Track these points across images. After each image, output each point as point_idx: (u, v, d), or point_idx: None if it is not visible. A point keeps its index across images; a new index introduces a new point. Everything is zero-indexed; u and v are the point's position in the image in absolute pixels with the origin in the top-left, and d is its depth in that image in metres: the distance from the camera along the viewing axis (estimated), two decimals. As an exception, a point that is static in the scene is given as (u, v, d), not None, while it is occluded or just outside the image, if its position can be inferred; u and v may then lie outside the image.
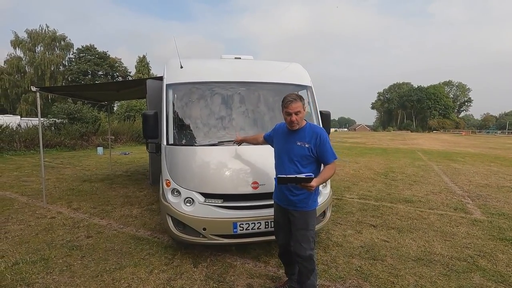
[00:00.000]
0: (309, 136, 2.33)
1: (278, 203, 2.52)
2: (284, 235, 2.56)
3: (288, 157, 2.37)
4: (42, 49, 38.49)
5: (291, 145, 2.37)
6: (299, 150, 2.33)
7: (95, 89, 7.95)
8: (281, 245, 2.62)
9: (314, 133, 2.34)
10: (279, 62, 4.41)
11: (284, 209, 2.46)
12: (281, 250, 2.65)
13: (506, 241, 3.84)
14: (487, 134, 67.22)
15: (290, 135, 2.41)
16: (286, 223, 2.49)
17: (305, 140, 2.33)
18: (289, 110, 2.30)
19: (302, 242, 2.33)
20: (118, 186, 6.95)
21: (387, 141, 29.52)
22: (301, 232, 2.35)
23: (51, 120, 17.15)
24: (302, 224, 2.36)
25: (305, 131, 2.37)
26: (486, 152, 17.47)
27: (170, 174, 3.23)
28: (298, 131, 2.38)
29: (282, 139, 2.48)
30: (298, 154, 2.33)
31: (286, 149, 2.40)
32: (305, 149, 2.31)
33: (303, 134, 2.36)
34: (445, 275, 2.98)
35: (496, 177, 8.60)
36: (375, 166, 10.60)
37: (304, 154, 2.32)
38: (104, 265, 3.13)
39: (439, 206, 5.46)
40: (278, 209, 2.55)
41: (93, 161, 11.55)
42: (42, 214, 4.83)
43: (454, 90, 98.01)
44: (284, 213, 2.48)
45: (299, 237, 2.35)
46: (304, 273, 2.34)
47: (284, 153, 2.41)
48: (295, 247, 2.37)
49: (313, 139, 2.32)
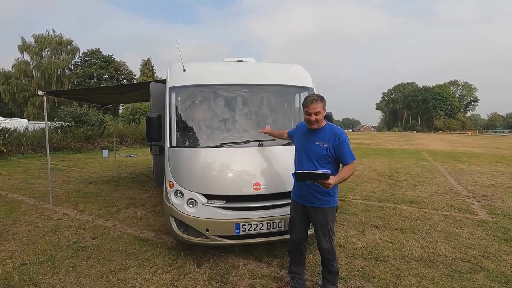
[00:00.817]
0: (328, 136, 2.41)
1: (297, 200, 2.59)
2: (297, 231, 2.63)
3: (307, 156, 2.46)
4: (48, 54, 39.16)
5: (310, 145, 2.45)
6: (317, 149, 2.41)
7: (100, 93, 8.07)
8: (294, 240, 2.68)
9: (333, 134, 2.41)
10: (281, 64, 4.45)
11: (302, 206, 2.54)
12: (292, 246, 2.70)
13: (511, 242, 3.80)
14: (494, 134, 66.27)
15: (310, 135, 2.49)
16: (303, 220, 2.60)
17: (324, 140, 2.40)
18: (309, 110, 2.39)
19: (323, 236, 2.50)
20: (123, 188, 7.03)
21: (392, 141, 29.32)
22: (322, 228, 2.49)
23: (58, 123, 17.40)
24: (323, 220, 2.48)
25: (325, 131, 2.44)
26: (493, 152, 17.24)
27: (173, 176, 3.28)
28: (318, 131, 2.46)
29: (302, 138, 2.57)
30: (317, 154, 2.41)
31: (305, 148, 2.49)
32: (324, 149, 2.39)
33: (322, 134, 2.44)
34: (448, 276, 2.97)
35: (502, 178, 8.50)
36: (379, 167, 10.55)
37: (322, 153, 2.40)
38: (109, 265, 3.18)
39: (443, 207, 5.42)
40: (296, 206, 2.62)
41: (99, 163, 11.69)
42: (49, 216, 4.92)
43: (460, 90, 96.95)
44: (301, 210, 2.57)
45: (320, 232, 2.50)
46: (327, 262, 2.57)
47: (303, 152, 2.50)
48: (318, 241, 2.55)
49: (332, 139, 2.39)
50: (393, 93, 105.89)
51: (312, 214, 2.53)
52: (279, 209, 3.09)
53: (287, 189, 3.12)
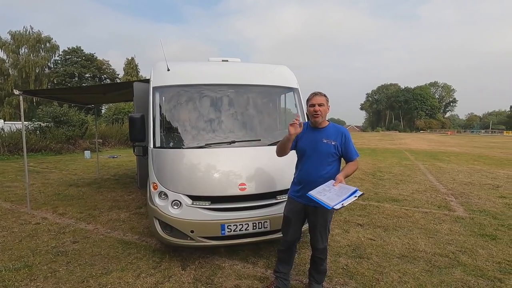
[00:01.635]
0: (335, 134, 2.44)
1: (298, 200, 2.54)
2: (294, 232, 2.60)
3: (314, 155, 2.43)
4: (26, 51, 37.56)
5: (317, 143, 2.43)
6: (325, 147, 2.41)
7: (81, 92, 7.82)
8: (288, 242, 2.64)
9: (339, 132, 2.46)
10: (266, 64, 4.46)
11: (303, 206, 2.51)
12: (284, 246, 2.66)
13: (486, 237, 3.98)
14: (471, 133, 69.24)
15: (315, 133, 2.47)
16: (300, 221, 2.58)
17: (331, 138, 2.42)
18: (313, 102, 2.41)
19: (321, 237, 2.53)
20: (105, 190, 6.85)
21: (375, 141, 30.02)
22: (321, 228, 2.51)
23: (36, 124, 16.70)
24: (323, 221, 2.50)
25: (329, 129, 2.47)
26: (470, 151, 17.99)
27: (157, 177, 3.22)
28: (323, 129, 2.47)
29: (307, 137, 2.50)
30: (325, 152, 2.41)
31: (312, 147, 2.44)
32: (332, 146, 2.40)
33: (328, 132, 2.45)
34: (428, 271, 3.07)
35: (478, 175, 8.88)
36: (363, 166, 10.78)
37: (330, 151, 2.41)
38: (90, 270, 3.09)
39: (424, 204, 5.61)
40: (295, 206, 2.56)
41: (80, 165, 11.33)
42: (26, 220, 4.72)
43: (440, 91, 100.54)
44: (301, 210, 2.53)
45: (319, 232, 2.52)
46: (318, 262, 2.61)
47: (310, 151, 2.45)
48: (314, 241, 2.56)
49: (338, 137, 2.43)
50: (376, 94, 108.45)
51: (312, 215, 2.51)
52: (265, 209, 3.10)
53: (272, 189, 3.14)
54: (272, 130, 4.02)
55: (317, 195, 2.24)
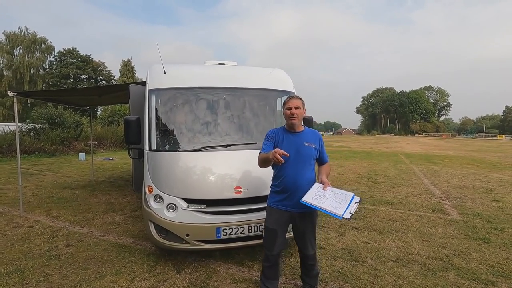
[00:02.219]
0: (314, 138, 2.51)
1: (283, 209, 2.42)
2: (280, 244, 2.47)
3: (297, 160, 2.41)
4: (21, 52, 37.26)
5: (299, 147, 2.43)
6: (308, 150, 2.44)
7: (76, 94, 7.77)
8: (274, 256, 2.49)
9: (316, 135, 2.56)
10: (263, 68, 4.48)
11: (289, 214, 2.42)
12: (271, 262, 2.50)
13: (479, 240, 4.02)
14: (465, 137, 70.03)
15: (295, 137, 2.46)
16: (285, 231, 2.50)
17: (311, 141, 2.47)
18: (290, 105, 2.42)
19: (311, 243, 2.51)
20: (100, 192, 6.79)
21: (371, 144, 30.21)
22: (310, 235, 2.50)
23: (30, 125, 16.54)
24: (311, 227, 2.50)
25: (307, 133, 2.52)
26: (464, 154, 18.19)
27: (152, 180, 3.21)
28: (301, 133, 2.49)
29: (288, 142, 2.44)
30: (307, 155, 2.43)
31: (295, 152, 2.40)
32: (313, 149, 2.46)
33: (307, 136, 2.49)
34: (422, 274, 3.09)
35: (472, 179, 8.97)
36: (359, 170, 10.83)
37: (312, 154, 2.45)
38: (84, 274, 3.05)
39: (418, 208, 5.65)
40: (279, 216, 2.43)
41: (75, 167, 11.22)
42: (19, 223, 4.66)
43: (434, 95, 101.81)
44: (287, 219, 2.44)
45: (308, 239, 2.49)
46: (309, 268, 2.61)
47: (292, 156, 2.36)
48: (304, 248, 2.53)
49: (317, 140, 2.52)
50: (372, 98, 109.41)
51: (300, 221, 2.43)
52: (260, 213, 3.08)
53: (268, 192, 3.13)
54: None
55: (314, 202, 2.16)
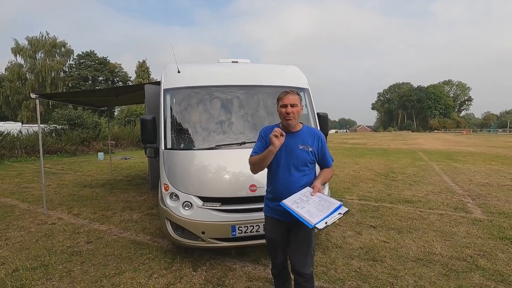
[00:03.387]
0: (311, 139, 2.14)
1: (278, 218, 2.17)
2: (282, 253, 2.27)
3: (289, 164, 2.09)
4: (42, 56, 38.78)
5: (292, 150, 2.09)
6: (302, 154, 2.09)
7: (94, 95, 8.00)
8: (279, 264, 2.33)
9: (315, 136, 2.17)
10: (276, 65, 4.45)
11: (284, 223, 2.16)
12: (277, 270, 2.37)
13: (506, 240, 3.83)
14: (488, 132, 67.11)
15: (288, 138, 2.07)
16: (284, 240, 2.22)
17: (308, 143, 2.11)
18: (285, 102, 2.06)
19: (306, 258, 2.11)
20: (118, 191, 6.97)
21: (387, 141, 29.48)
22: (304, 247, 2.12)
23: (52, 127, 17.22)
24: (306, 238, 2.11)
25: (304, 133, 2.16)
26: (487, 151, 17.42)
27: (168, 179, 3.25)
28: (297, 133, 2.14)
29: None
30: (302, 160, 2.09)
31: (287, 155, 2.09)
32: (309, 153, 2.11)
33: (303, 136, 2.14)
34: (445, 275, 2.97)
35: (496, 176, 8.58)
36: (375, 167, 10.59)
37: (307, 159, 2.10)
38: (104, 270, 3.14)
39: (439, 206, 5.45)
40: (275, 225, 2.21)
41: (94, 166, 11.58)
42: (43, 220, 4.85)
43: (454, 89, 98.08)
44: (282, 228, 2.19)
45: (303, 253, 2.11)
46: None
47: (285, 159, 2.09)
48: (297, 265, 2.10)
49: (315, 142, 2.15)
50: (388, 93, 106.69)
51: (293, 232, 2.14)
52: (275, 211, 3.06)
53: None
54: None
55: (293, 206, 1.94)
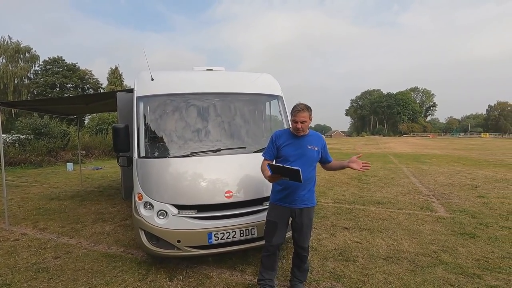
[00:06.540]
0: (317, 141, 2.68)
1: (282, 205, 2.65)
2: (279, 236, 2.68)
3: (299, 161, 2.56)
4: (4, 61, 36.41)
5: (303, 149, 2.61)
6: (311, 153, 2.62)
7: (62, 103, 7.66)
8: (273, 246, 2.70)
9: (319, 138, 2.74)
10: (250, 73, 4.53)
11: (289, 210, 2.64)
12: (269, 251, 2.72)
13: (466, 235, 4.13)
14: (451, 136, 71.88)
15: (299, 140, 2.63)
16: (286, 225, 2.71)
17: (314, 144, 2.65)
18: (296, 119, 2.57)
19: (307, 236, 2.71)
20: (89, 202, 6.66)
21: (361, 145, 30.64)
22: (307, 228, 2.68)
23: (15, 136, 16.12)
24: (309, 220, 2.68)
25: (311, 136, 2.69)
26: (451, 153, 18.67)
27: (142, 187, 3.19)
28: (305, 137, 2.65)
29: (291, 145, 2.64)
30: (311, 157, 2.62)
31: (298, 153, 2.60)
32: (316, 152, 2.64)
33: (311, 139, 2.67)
34: (412, 270, 3.16)
35: (458, 176, 9.22)
36: (349, 171, 10.90)
37: (315, 157, 2.64)
38: (73, 286, 2.99)
39: (407, 206, 5.76)
40: (281, 211, 2.67)
41: (62, 177, 10.97)
42: (5, 236, 4.52)
43: (420, 96, 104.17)
44: (287, 214, 2.66)
45: (305, 232, 2.68)
46: (303, 259, 2.77)
47: (295, 157, 2.59)
48: (300, 241, 2.70)
49: (320, 143, 2.70)
50: (360, 100, 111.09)
51: (298, 216, 2.64)
52: (252, 216, 3.11)
53: (258, 195, 3.17)
54: (257, 138, 4.06)
55: None
